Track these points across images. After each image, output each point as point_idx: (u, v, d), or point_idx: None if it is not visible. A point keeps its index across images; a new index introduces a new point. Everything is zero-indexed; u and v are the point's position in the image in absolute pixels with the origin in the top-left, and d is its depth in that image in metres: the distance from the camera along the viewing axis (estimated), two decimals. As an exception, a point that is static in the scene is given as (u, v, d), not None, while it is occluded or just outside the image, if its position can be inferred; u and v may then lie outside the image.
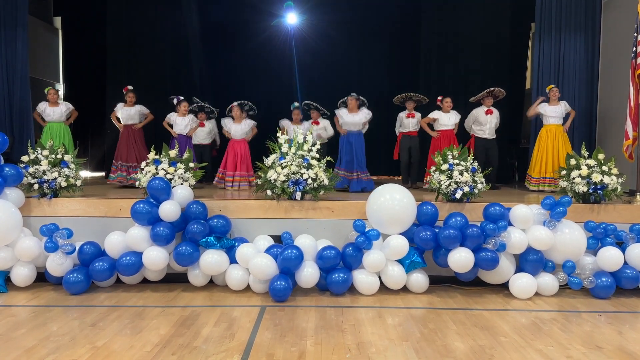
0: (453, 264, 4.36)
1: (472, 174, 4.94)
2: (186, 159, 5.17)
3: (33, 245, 4.50)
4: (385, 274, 4.46)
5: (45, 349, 3.13)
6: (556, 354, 3.13)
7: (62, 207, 4.94)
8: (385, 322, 3.71)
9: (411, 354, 3.09)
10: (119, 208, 4.90)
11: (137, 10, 10.08)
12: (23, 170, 4.91)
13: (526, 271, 4.49)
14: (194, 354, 3.07)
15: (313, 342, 3.28)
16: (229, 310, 3.96)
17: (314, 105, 7.76)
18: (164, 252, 4.46)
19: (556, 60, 7.66)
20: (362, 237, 4.38)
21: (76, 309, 3.98)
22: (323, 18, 10.07)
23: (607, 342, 3.35)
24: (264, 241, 4.66)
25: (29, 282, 4.58)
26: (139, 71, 10.06)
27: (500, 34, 9.82)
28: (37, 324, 3.61)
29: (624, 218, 4.96)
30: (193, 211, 4.64)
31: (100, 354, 3.06)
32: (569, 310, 4.10)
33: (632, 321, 3.86)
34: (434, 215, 4.66)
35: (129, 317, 3.76)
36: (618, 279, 4.47)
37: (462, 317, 3.84)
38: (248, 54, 10.39)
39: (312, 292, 4.48)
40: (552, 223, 4.52)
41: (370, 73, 10.34)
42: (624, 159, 6.05)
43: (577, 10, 7.60)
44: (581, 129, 7.58)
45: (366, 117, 6.73)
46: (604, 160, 5.10)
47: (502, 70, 9.70)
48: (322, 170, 4.97)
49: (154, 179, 4.70)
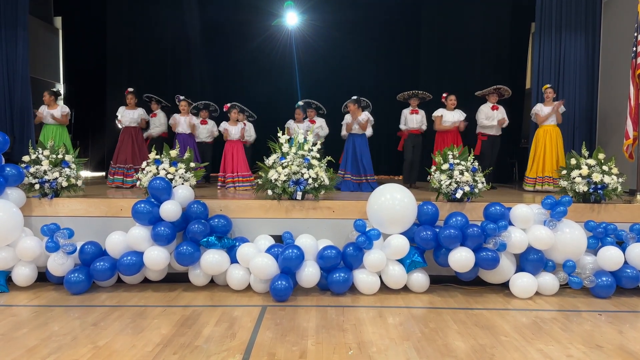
0: (454, 264, 4.36)
1: (473, 173, 4.94)
2: (187, 159, 5.17)
3: (34, 245, 4.51)
4: (386, 274, 4.47)
5: (47, 348, 3.13)
6: (557, 353, 3.14)
7: (63, 207, 4.95)
8: (386, 321, 3.72)
9: (412, 354, 3.10)
10: (120, 208, 4.90)
11: (138, 10, 10.10)
12: (24, 170, 4.91)
13: (527, 271, 4.50)
14: (195, 353, 3.08)
15: (314, 341, 3.29)
16: (230, 310, 3.97)
17: (315, 104, 7.76)
18: (165, 252, 4.47)
19: (556, 60, 7.66)
20: (363, 237, 4.39)
21: (77, 309, 3.99)
22: (323, 18, 10.10)
23: (607, 342, 3.35)
24: (265, 241, 4.67)
25: (30, 282, 4.59)
26: (139, 71, 10.08)
27: (500, 34, 9.84)
28: (39, 323, 3.62)
29: (624, 218, 4.97)
30: (194, 211, 4.65)
31: (102, 353, 3.07)
32: (570, 309, 4.10)
33: (633, 320, 3.86)
34: (435, 215, 4.67)
35: (130, 317, 3.77)
36: (618, 278, 4.48)
37: (463, 317, 3.84)
38: (249, 54, 10.41)
39: (313, 292, 4.49)
40: (553, 223, 4.53)
41: (371, 72, 10.34)
42: (624, 159, 6.05)
43: (577, 10, 7.60)
44: (581, 128, 7.58)
45: (363, 119, 6.69)
46: (604, 160, 5.11)
47: (502, 70, 9.72)
48: (323, 170, 4.98)
49: (155, 179, 4.70)
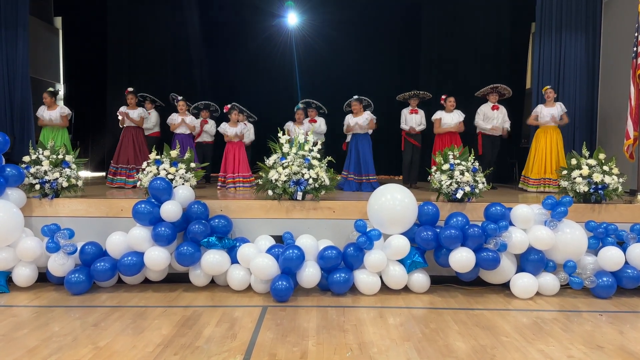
0: (454, 264, 4.36)
1: (473, 174, 4.94)
2: (187, 159, 5.17)
3: (34, 246, 4.51)
4: (387, 274, 4.47)
5: (48, 349, 3.13)
6: (557, 353, 3.14)
7: (63, 208, 4.95)
8: (387, 322, 3.72)
9: (413, 354, 3.10)
10: (121, 208, 4.90)
11: (138, 11, 10.10)
12: (24, 170, 4.91)
13: (527, 271, 4.49)
14: (196, 354, 3.08)
15: (315, 342, 3.29)
16: (231, 311, 3.97)
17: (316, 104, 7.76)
18: (166, 252, 4.47)
19: (556, 60, 7.66)
20: (364, 237, 4.38)
21: (78, 309, 3.99)
22: (324, 18, 10.10)
23: (608, 342, 3.35)
24: (265, 241, 4.67)
25: (30, 282, 4.59)
26: (139, 71, 10.08)
27: (500, 34, 9.84)
28: (39, 324, 3.62)
29: (624, 218, 4.97)
30: (194, 211, 4.64)
31: (103, 354, 3.07)
32: (570, 310, 4.10)
33: (633, 321, 3.86)
34: (435, 215, 4.67)
35: (131, 317, 3.77)
36: (619, 278, 4.48)
37: (464, 317, 3.84)
38: (249, 54, 10.42)
39: (314, 292, 4.49)
40: (553, 223, 4.53)
41: (371, 72, 10.34)
42: (624, 159, 6.06)
43: (577, 10, 7.60)
44: (582, 128, 7.59)
45: (366, 119, 6.70)
46: (604, 160, 5.11)
47: (503, 70, 9.72)
48: (324, 170, 4.97)
49: (155, 179, 4.70)
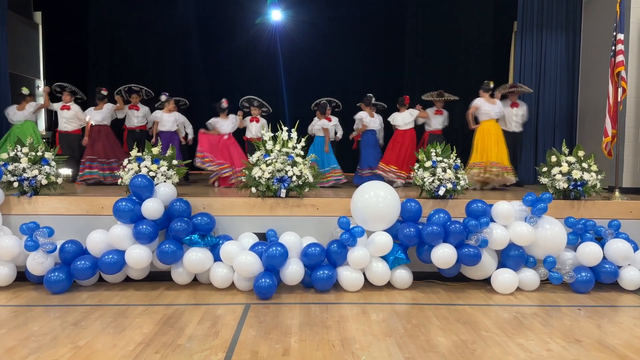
0: (436, 260, 4.40)
1: (455, 171, 4.98)
2: (169, 156, 5.13)
3: (13, 244, 4.43)
4: (370, 271, 4.49)
5: (26, 348, 3.09)
6: (537, 347, 3.19)
7: (42, 205, 4.87)
8: (370, 318, 3.74)
9: (394, 350, 3.12)
10: (101, 206, 4.84)
11: (120, 6, 9.98)
12: (2, 167, 4.82)
13: (508, 267, 4.55)
14: (178, 352, 3.06)
15: (297, 338, 3.29)
16: (213, 308, 3.95)
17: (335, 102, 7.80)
18: (147, 251, 4.42)
19: (538, 58, 7.77)
20: (347, 234, 4.39)
21: (57, 308, 3.93)
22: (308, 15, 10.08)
23: (586, 336, 3.42)
24: (249, 239, 4.65)
25: (9, 281, 4.50)
26: (121, 67, 9.96)
27: (483, 32, 9.94)
28: (18, 323, 3.56)
29: (602, 214, 5.05)
30: (176, 209, 4.60)
31: (83, 353, 3.03)
32: (550, 304, 4.17)
33: (611, 315, 3.94)
34: (418, 212, 4.70)
35: (112, 316, 3.73)
36: (597, 273, 4.56)
37: (445, 313, 3.88)
38: (233, 51, 10.36)
39: (297, 289, 4.49)
40: (533, 219, 4.59)
41: (354, 69, 10.38)
42: (603, 156, 6.14)
43: (558, 9, 7.72)
44: (562, 126, 7.71)
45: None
46: (583, 157, 5.19)
47: (485, 67, 9.81)
48: (307, 168, 4.97)
49: (137, 177, 4.65)
